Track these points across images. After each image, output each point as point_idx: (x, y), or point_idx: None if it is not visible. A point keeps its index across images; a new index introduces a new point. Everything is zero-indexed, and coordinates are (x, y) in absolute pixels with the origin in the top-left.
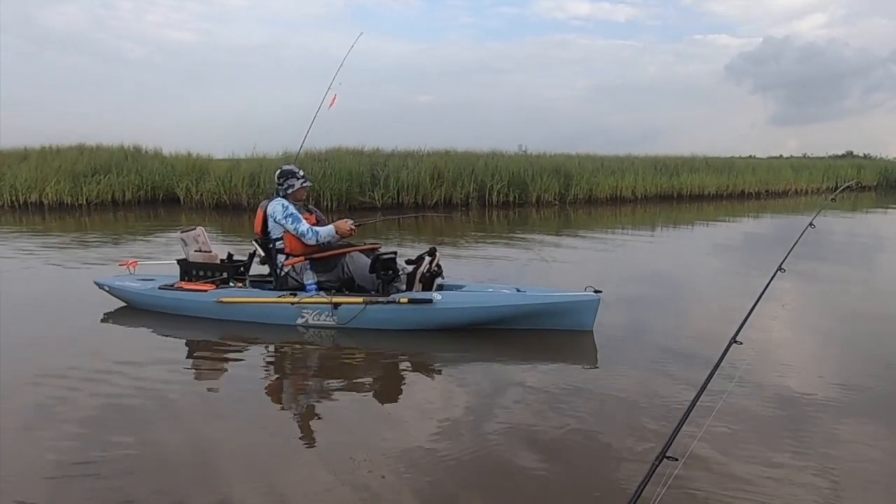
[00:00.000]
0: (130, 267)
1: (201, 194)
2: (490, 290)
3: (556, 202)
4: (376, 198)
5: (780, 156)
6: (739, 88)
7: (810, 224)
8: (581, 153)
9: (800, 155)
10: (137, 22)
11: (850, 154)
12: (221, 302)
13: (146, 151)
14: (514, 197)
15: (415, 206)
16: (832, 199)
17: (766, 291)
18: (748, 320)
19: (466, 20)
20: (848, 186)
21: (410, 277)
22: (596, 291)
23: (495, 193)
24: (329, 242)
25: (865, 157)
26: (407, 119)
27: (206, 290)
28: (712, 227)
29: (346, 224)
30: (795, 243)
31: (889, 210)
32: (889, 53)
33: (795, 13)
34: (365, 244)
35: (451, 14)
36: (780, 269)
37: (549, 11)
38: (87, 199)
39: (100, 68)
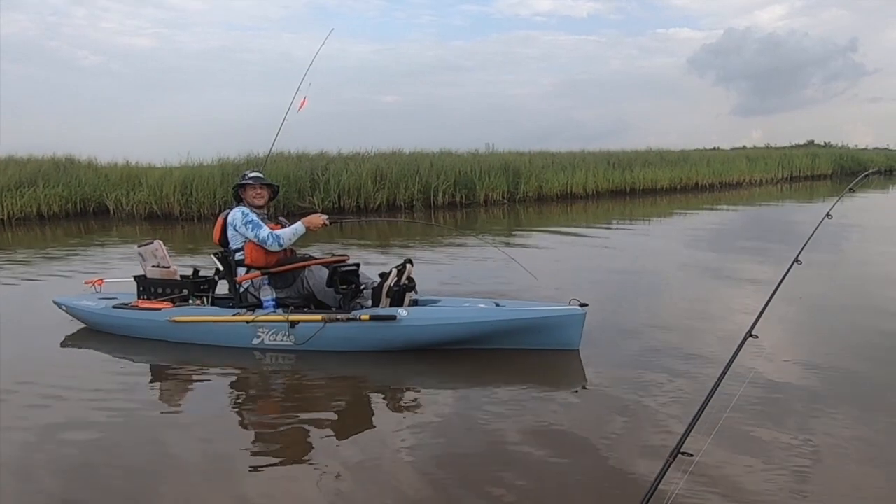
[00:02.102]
0: (97, 285)
1: (131, 205)
2: (466, 304)
3: (505, 201)
4: (316, 202)
5: (744, 146)
6: (703, 81)
7: (827, 214)
8: (551, 150)
9: (763, 145)
10: (92, 29)
11: (811, 143)
12: (174, 322)
13: (79, 161)
14: (462, 197)
15: (357, 210)
16: (850, 189)
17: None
18: (761, 313)
19: (428, 19)
20: (866, 175)
21: (376, 292)
22: (582, 305)
23: (441, 194)
24: (294, 254)
25: (826, 145)
26: (372, 121)
27: (159, 309)
28: (668, 222)
29: (319, 218)
30: (812, 234)
31: (845, 197)
32: (848, 42)
33: (755, 4)
34: (329, 256)
35: (412, 13)
36: (796, 260)
37: (512, 8)
38: (8, 214)
39: (54, 77)
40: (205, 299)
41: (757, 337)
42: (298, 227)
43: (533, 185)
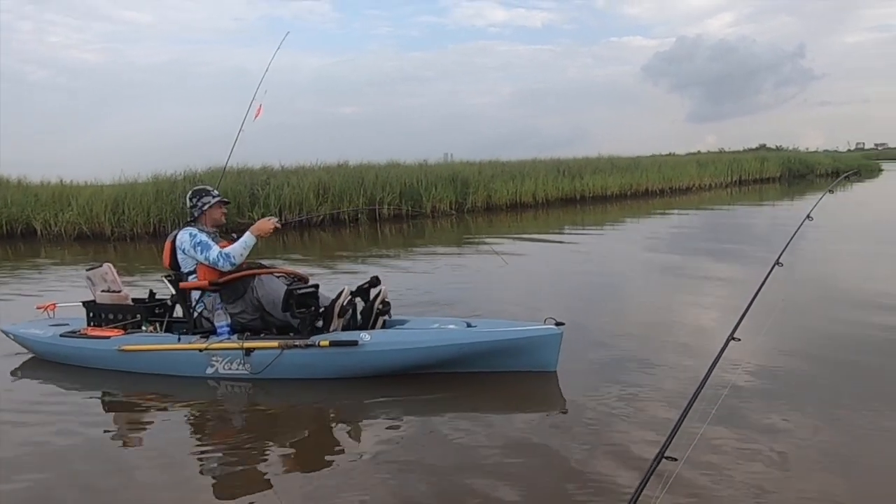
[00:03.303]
0: (49, 310)
1: (60, 226)
2: (435, 326)
3: (453, 212)
4: (255, 218)
5: (699, 151)
6: (657, 88)
7: (808, 216)
8: (502, 159)
9: (717, 150)
10: (38, 43)
11: (763, 147)
12: (123, 350)
13: (9, 181)
14: (408, 209)
15: (299, 224)
16: (830, 191)
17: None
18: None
19: (385, 30)
20: (846, 176)
21: (327, 313)
22: (557, 324)
23: (386, 206)
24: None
25: (778, 148)
26: (331, 132)
27: (108, 337)
28: (622, 228)
29: (268, 223)
30: (793, 236)
31: (795, 199)
32: (796, 48)
33: (704, 13)
34: (281, 268)
35: (369, 25)
36: (777, 263)
37: (468, 19)
38: None
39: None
40: (157, 325)
41: (739, 340)
42: (247, 238)
43: (482, 195)
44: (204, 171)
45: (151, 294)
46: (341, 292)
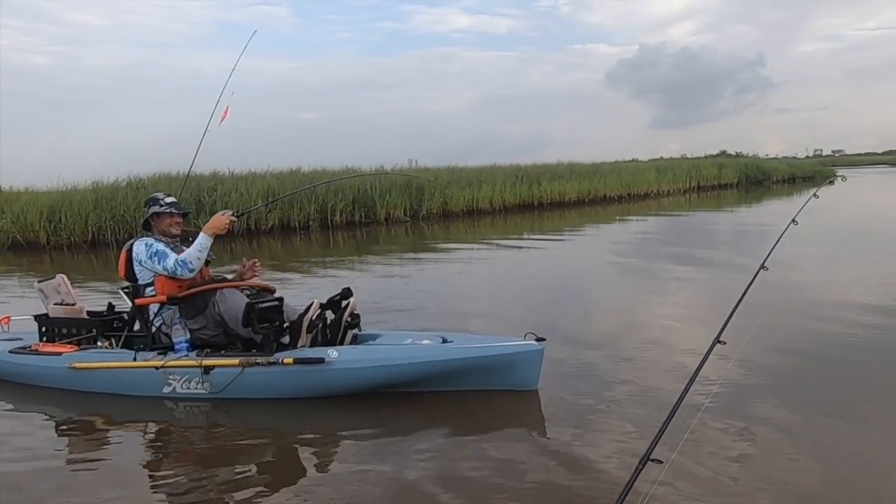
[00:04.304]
0: (2, 323)
1: None
2: (408, 341)
3: (408, 219)
4: (201, 226)
5: (661, 157)
6: (620, 95)
7: (793, 221)
8: (474, 165)
9: (679, 156)
10: None
11: (723, 153)
12: (74, 368)
13: None
14: (361, 216)
15: (248, 232)
16: (815, 195)
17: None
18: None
19: (345, 35)
20: (830, 181)
21: (294, 328)
22: (539, 339)
23: (338, 213)
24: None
25: (738, 155)
26: (292, 138)
27: (59, 354)
28: (582, 234)
29: (221, 218)
30: (779, 240)
31: (752, 205)
32: (755, 56)
33: (666, 21)
34: (245, 281)
35: (328, 30)
36: (762, 267)
37: (430, 25)
38: None
39: None
40: (113, 340)
41: (725, 343)
42: (201, 239)
43: (437, 202)
44: (149, 176)
45: (111, 307)
46: (310, 306)
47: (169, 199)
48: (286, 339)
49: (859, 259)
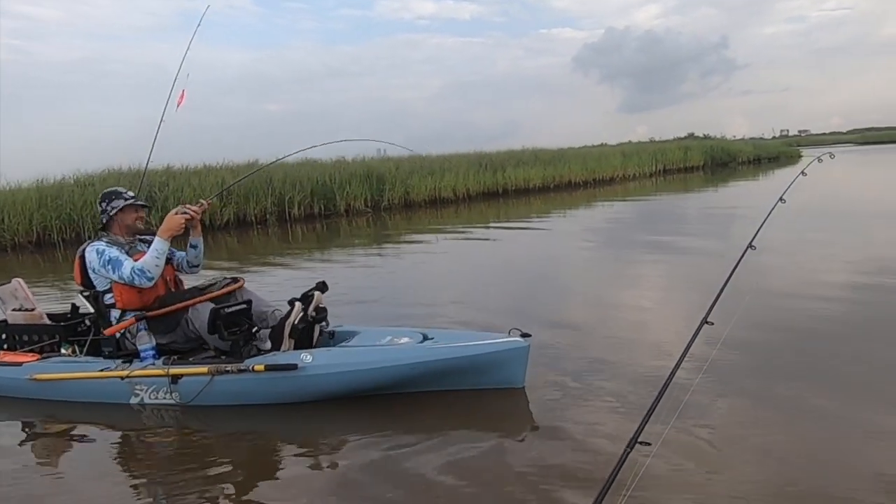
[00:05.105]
0: None
1: None
2: (386, 338)
3: (369, 210)
4: (152, 223)
5: (630, 141)
6: (587, 79)
7: (780, 199)
8: (439, 153)
9: (647, 139)
10: None
11: (691, 135)
12: (35, 380)
13: None
14: (320, 208)
15: (202, 228)
16: (803, 173)
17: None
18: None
19: (309, 24)
20: (818, 158)
21: (276, 334)
22: (524, 335)
23: (296, 206)
24: (178, 286)
25: (706, 137)
26: (257, 129)
27: (19, 364)
28: (548, 220)
29: (175, 217)
30: (766, 219)
31: (719, 187)
32: (720, 39)
33: (632, 4)
34: (216, 292)
35: (292, 19)
36: (750, 246)
37: (395, 12)
38: None
39: None
40: (76, 347)
41: (713, 324)
42: (157, 245)
43: (399, 192)
44: (99, 172)
45: (74, 309)
46: (292, 309)
47: (130, 193)
48: (268, 346)
49: (847, 235)
